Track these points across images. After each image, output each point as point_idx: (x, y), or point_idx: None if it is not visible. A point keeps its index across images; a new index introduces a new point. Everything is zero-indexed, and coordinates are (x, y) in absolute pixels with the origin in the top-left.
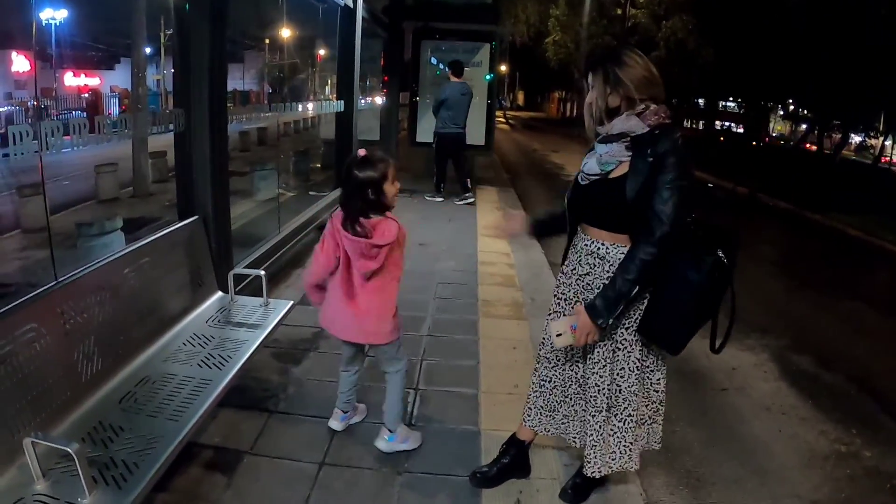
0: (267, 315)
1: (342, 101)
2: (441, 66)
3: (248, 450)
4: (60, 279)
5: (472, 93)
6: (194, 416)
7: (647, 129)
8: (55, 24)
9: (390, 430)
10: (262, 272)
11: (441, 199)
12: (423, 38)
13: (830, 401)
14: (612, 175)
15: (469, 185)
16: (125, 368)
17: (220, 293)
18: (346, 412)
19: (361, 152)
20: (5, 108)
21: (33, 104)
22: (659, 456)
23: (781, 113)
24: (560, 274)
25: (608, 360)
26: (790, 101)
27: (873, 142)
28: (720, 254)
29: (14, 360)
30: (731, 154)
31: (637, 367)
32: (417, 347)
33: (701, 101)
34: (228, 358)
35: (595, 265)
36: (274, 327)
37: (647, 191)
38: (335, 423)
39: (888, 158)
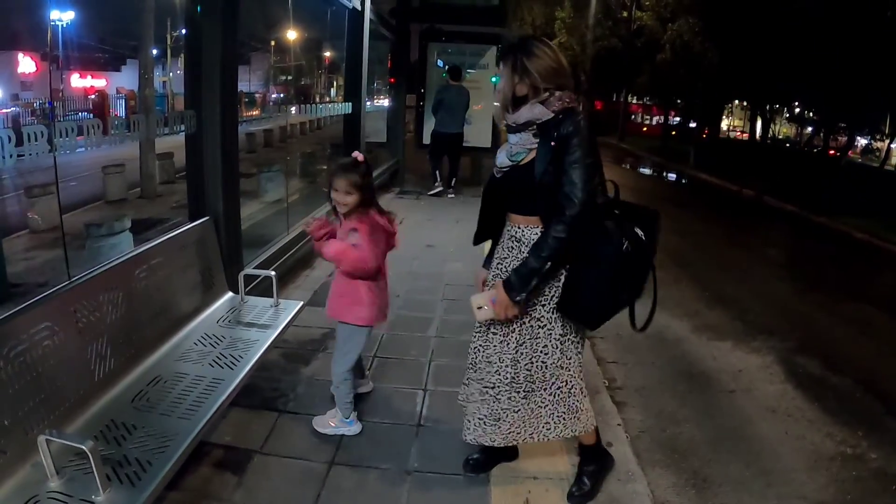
0: (277, 315)
1: (349, 104)
2: (447, 68)
3: (259, 449)
4: (74, 279)
5: (469, 96)
6: (206, 415)
7: (553, 114)
8: (62, 25)
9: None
10: (273, 273)
11: (441, 188)
12: (430, 40)
13: (837, 403)
14: (523, 162)
15: (453, 183)
16: (138, 367)
17: (230, 293)
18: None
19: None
20: (12, 108)
21: (41, 105)
22: (666, 457)
23: (787, 115)
24: (490, 263)
25: (529, 338)
26: (796, 103)
27: (879, 144)
28: (638, 231)
29: (28, 358)
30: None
31: (559, 342)
32: (426, 348)
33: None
34: (240, 358)
35: (513, 248)
36: (284, 327)
37: (554, 172)
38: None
39: None
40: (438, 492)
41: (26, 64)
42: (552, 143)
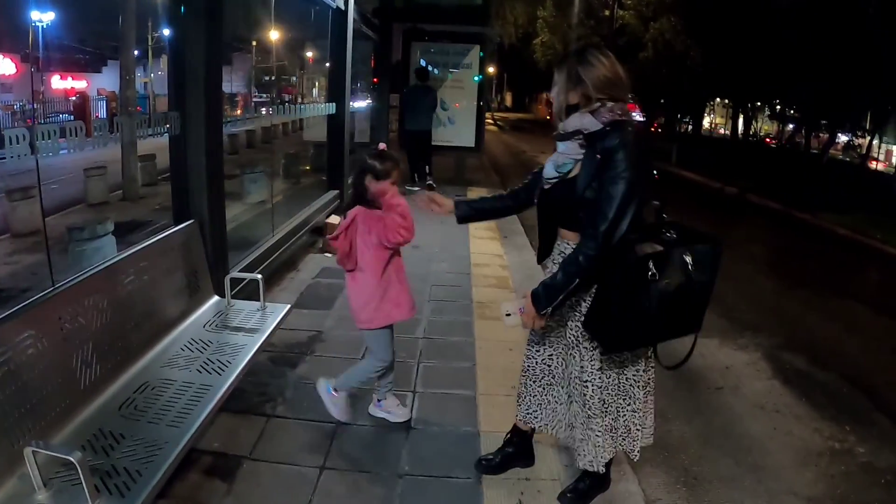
0: (264, 319)
1: (333, 104)
2: (430, 68)
3: (248, 455)
4: (58, 285)
5: (435, 95)
6: (196, 422)
7: (601, 125)
8: (42, 26)
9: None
10: (259, 276)
11: (418, 189)
12: (413, 39)
13: (824, 398)
14: (570, 175)
15: (428, 175)
16: (124, 374)
17: (216, 297)
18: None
19: (381, 146)
20: None
21: (21, 107)
22: (656, 455)
23: (769, 113)
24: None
25: (576, 356)
26: (777, 100)
27: (860, 141)
28: (687, 259)
29: (12, 367)
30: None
31: (599, 361)
32: (414, 349)
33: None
34: (228, 363)
35: None
36: (272, 331)
37: (598, 187)
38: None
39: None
40: (431, 494)
41: (6, 65)
42: (597, 156)
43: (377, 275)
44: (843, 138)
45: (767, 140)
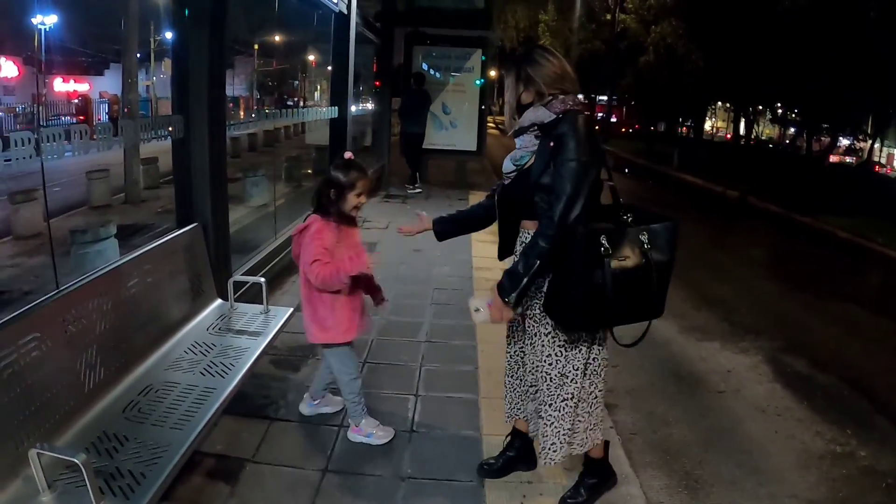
0: (268, 322)
1: (336, 107)
2: (432, 72)
3: (251, 457)
4: (62, 288)
5: (429, 99)
6: (199, 425)
7: (554, 116)
8: (44, 29)
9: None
10: (262, 279)
11: (420, 190)
12: (415, 43)
13: (825, 401)
14: (527, 166)
15: (417, 179)
16: (128, 377)
17: (219, 300)
18: (315, 400)
19: (347, 154)
20: None
21: (24, 110)
22: (658, 458)
23: (770, 117)
24: None
25: (537, 345)
26: (778, 104)
27: (862, 145)
28: (643, 238)
29: (17, 369)
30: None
31: (563, 350)
32: (416, 353)
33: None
34: (231, 366)
35: None
36: (275, 335)
37: (550, 173)
38: (304, 408)
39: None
40: (433, 498)
41: (8, 68)
42: (550, 144)
43: (306, 287)
44: (844, 142)
45: (772, 144)
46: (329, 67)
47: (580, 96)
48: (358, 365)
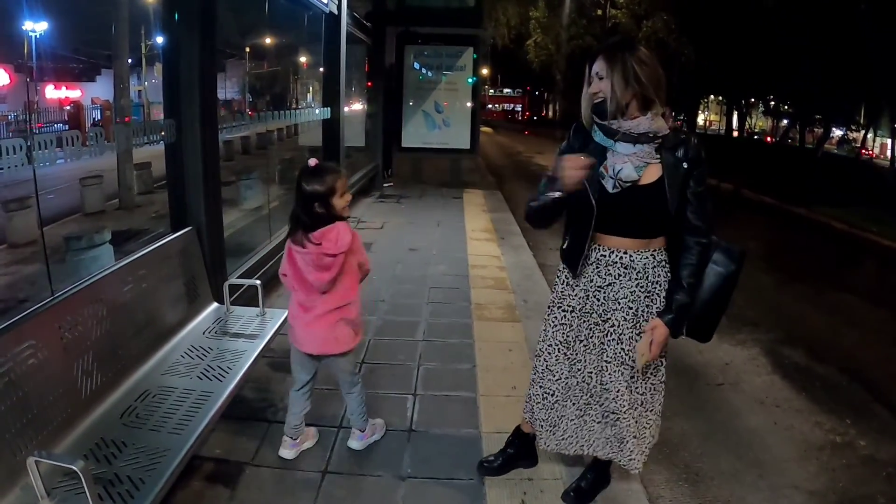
0: (264, 325)
1: (328, 108)
2: (425, 70)
3: (250, 461)
4: (57, 294)
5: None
6: (198, 429)
7: (669, 131)
8: (35, 36)
9: (360, 430)
10: (258, 282)
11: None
12: (407, 43)
13: (823, 392)
14: (642, 182)
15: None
16: (125, 383)
17: (215, 304)
18: (295, 439)
19: (312, 162)
20: None
21: (16, 118)
22: (657, 452)
23: (763, 109)
24: (562, 284)
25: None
26: (771, 97)
27: (855, 135)
28: (718, 267)
29: (13, 377)
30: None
31: (663, 359)
32: (413, 352)
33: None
34: (228, 369)
35: (621, 275)
36: (271, 337)
37: (680, 198)
38: (286, 452)
39: (872, 153)
40: (434, 496)
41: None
42: (683, 165)
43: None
44: (837, 133)
45: (768, 139)
46: (321, 69)
47: None
48: None
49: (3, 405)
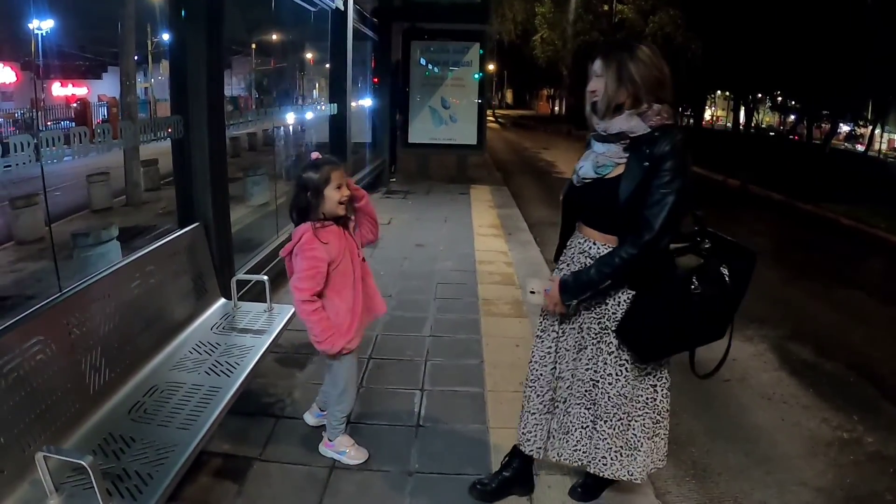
0: (272, 320)
1: (335, 104)
2: (431, 66)
3: (258, 456)
4: (65, 290)
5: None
6: (206, 425)
7: (648, 129)
8: (41, 34)
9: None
10: (265, 277)
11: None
12: (413, 38)
13: (831, 388)
14: (609, 176)
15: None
16: (133, 378)
17: (223, 300)
18: (323, 410)
19: (314, 156)
20: None
21: (22, 115)
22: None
23: (770, 104)
24: (555, 270)
25: (594, 364)
26: (778, 92)
27: (862, 131)
28: (724, 270)
29: (22, 373)
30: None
31: (624, 371)
32: (421, 348)
33: None
34: (236, 364)
35: (585, 264)
36: (279, 333)
37: (640, 194)
38: (310, 418)
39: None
40: (441, 492)
41: (6, 74)
42: (645, 164)
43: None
44: (844, 128)
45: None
46: (327, 65)
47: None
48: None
49: (11, 401)
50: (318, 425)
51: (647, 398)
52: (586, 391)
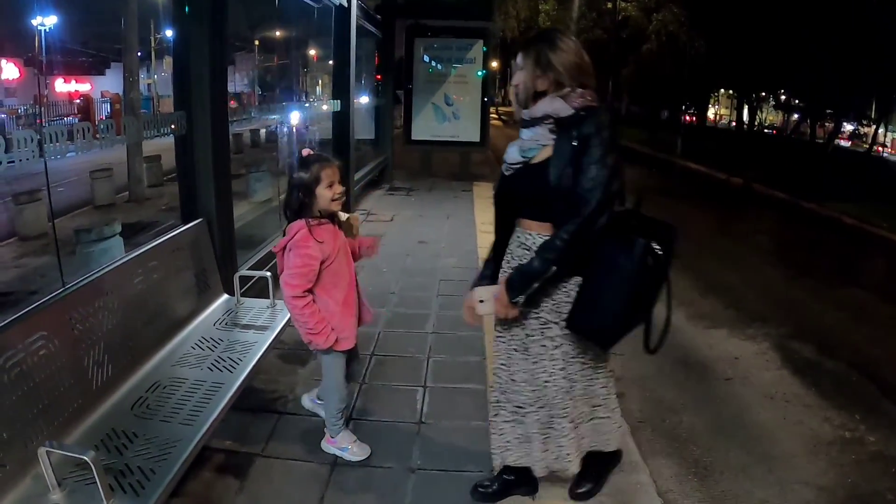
0: (274, 316)
1: (338, 101)
2: (434, 63)
3: (260, 452)
4: (68, 286)
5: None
6: (208, 420)
7: (573, 111)
8: (44, 30)
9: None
10: (268, 274)
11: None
12: (416, 35)
13: (833, 387)
14: (535, 160)
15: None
16: (136, 374)
17: (226, 295)
18: (320, 400)
19: (305, 152)
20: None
21: (26, 111)
22: (667, 446)
23: (774, 103)
24: (500, 272)
25: (546, 359)
26: (781, 90)
27: (866, 130)
28: (654, 245)
29: (25, 368)
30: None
31: (563, 364)
32: (423, 344)
33: None
34: (239, 360)
35: (524, 257)
36: (282, 329)
37: (571, 173)
38: (307, 402)
39: (879, 148)
40: (443, 489)
41: (9, 70)
42: (573, 143)
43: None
44: (848, 127)
45: (775, 132)
46: (331, 62)
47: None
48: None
49: (14, 395)
50: (311, 410)
51: (600, 387)
52: (539, 396)
